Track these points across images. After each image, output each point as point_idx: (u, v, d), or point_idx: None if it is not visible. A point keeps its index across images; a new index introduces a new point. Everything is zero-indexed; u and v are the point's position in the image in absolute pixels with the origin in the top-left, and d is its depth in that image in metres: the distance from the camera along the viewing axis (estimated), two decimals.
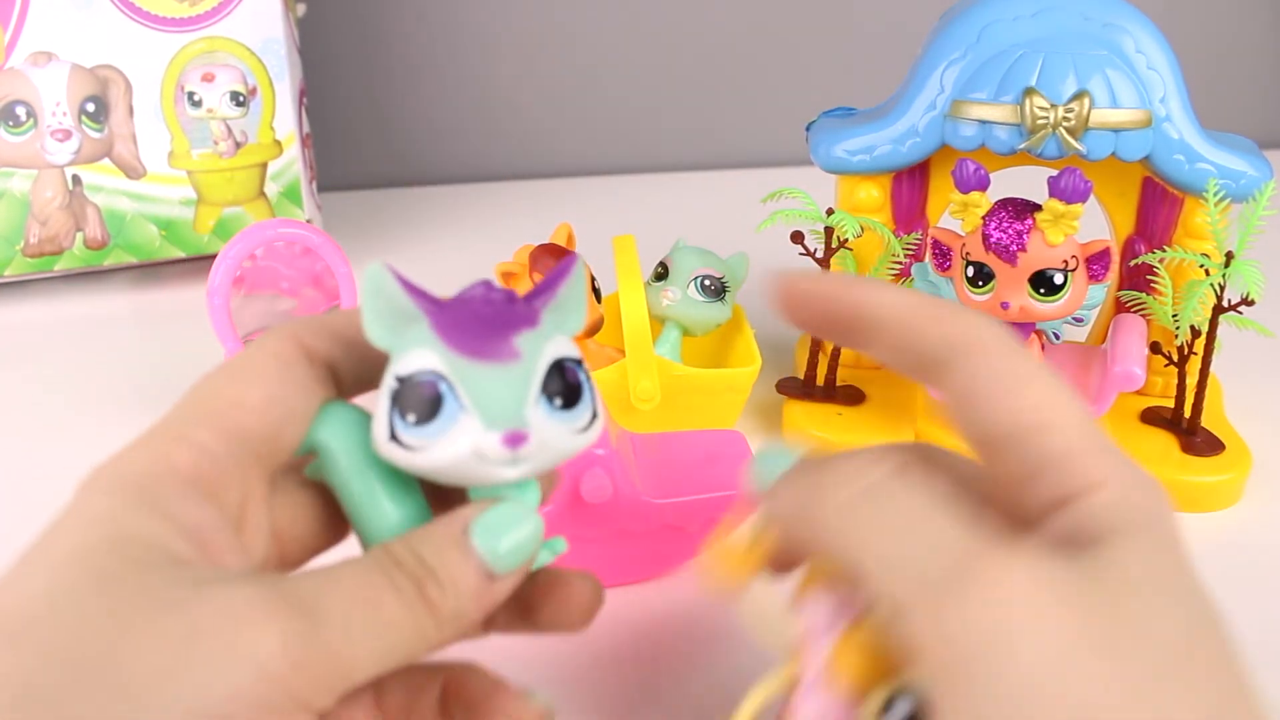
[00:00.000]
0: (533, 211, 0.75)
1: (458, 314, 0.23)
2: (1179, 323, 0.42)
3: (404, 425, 0.23)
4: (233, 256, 0.44)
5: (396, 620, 0.22)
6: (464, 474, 0.23)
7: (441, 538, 0.23)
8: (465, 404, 0.22)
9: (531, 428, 0.23)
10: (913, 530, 0.21)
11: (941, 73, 0.42)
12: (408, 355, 0.23)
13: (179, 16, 0.59)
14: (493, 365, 0.22)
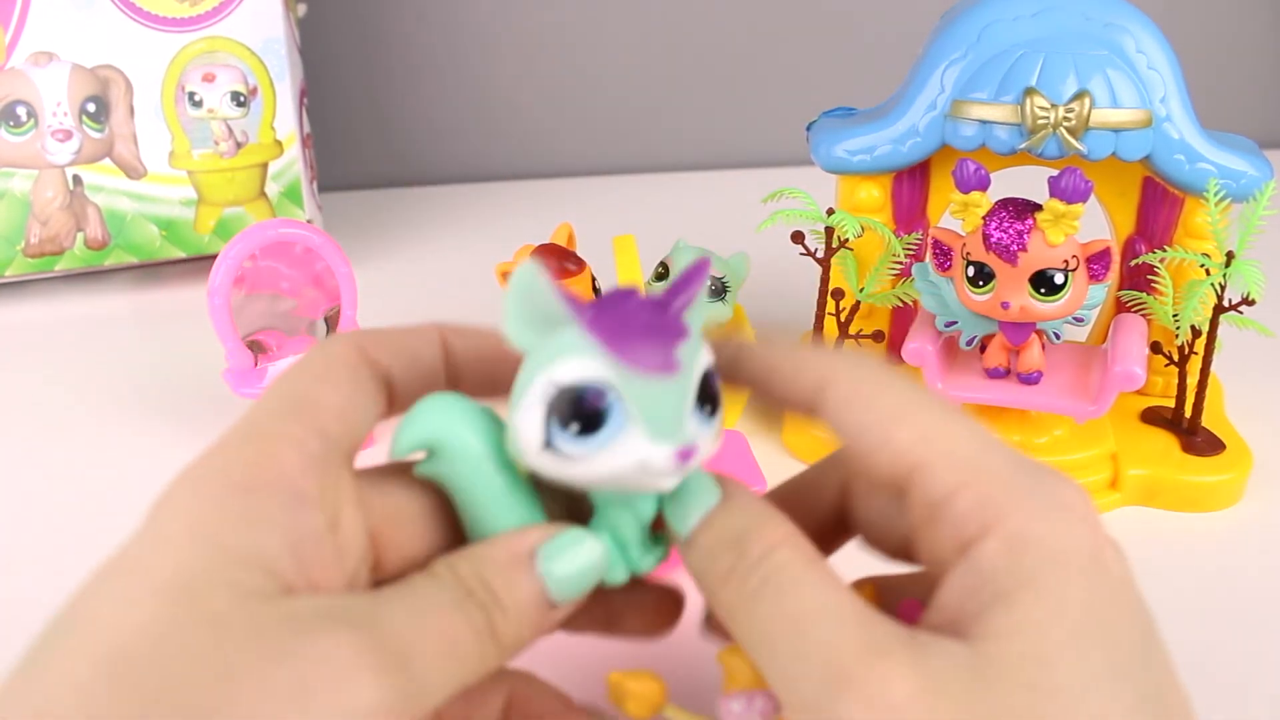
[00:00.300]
0: (533, 211, 0.75)
1: (617, 322, 0.22)
2: (1179, 322, 0.42)
3: (563, 434, 0.22)
4: (233, 256, 0.44)
5: (470, 654, 0.22)
6: (624, 484, 0.23)
7: (508, 562, 0.23)
8: (634, 416, 0.22)
9: (696, 440, 0.23)
10: (804, 634, 0.21)
11: (942, 73, 0.42)
12: (570, 361, 0.22)
13: (180, 16, 0.59)
14: (659, 378, 0.22)
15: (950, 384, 0.42)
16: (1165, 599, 0.37)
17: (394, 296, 0.61)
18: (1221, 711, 0.33)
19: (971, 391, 0.42)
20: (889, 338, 0.48)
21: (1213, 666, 0.35)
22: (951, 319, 0.42)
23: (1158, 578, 0.38)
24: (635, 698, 0.25)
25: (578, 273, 0.45)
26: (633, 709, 0.25)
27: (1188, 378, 0.43)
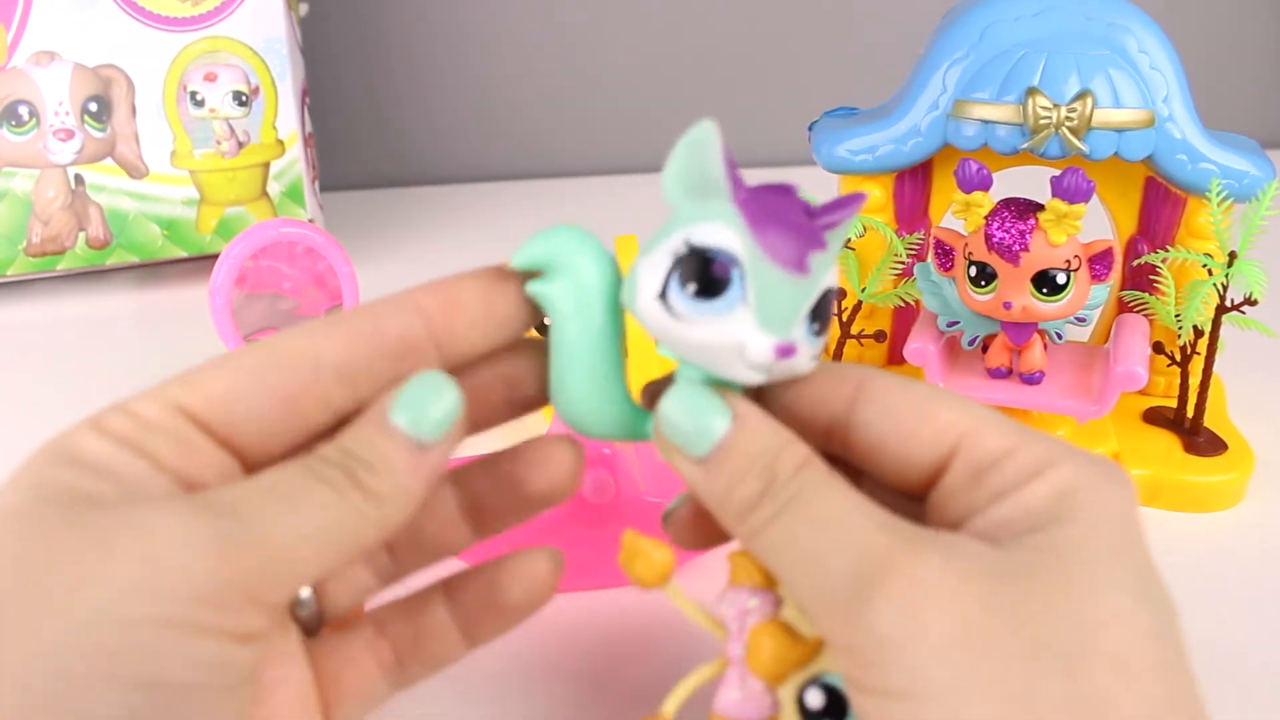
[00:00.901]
0: (534, 211, 0.75)
1: (768, 210, 0.23)
2: (1182, 323, 0.42)
3: (679, 291, 0.22)
4: (235, 256, 0.44)
5: (328, 506, 0.22)
6: (713, 360, 0.23)
7: (362, 426, 0.23)
8: (750, 299, 0.22)
9: (800, 343, 0.23)
10: (829, 536, 0.22)
11: (944, 72, 0.42)
12: (710, 225, 0.22)
13: (181, 16, 0.59)
14: (787, 273, 0.22)
15: (952, 384, 0.42)
16: None
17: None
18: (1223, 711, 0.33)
19: (973, 391, 0.41)
20: (891, 338, 0.48)
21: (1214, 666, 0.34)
22: (953, 319, 0.42)
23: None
24: (646, 561, 0.25)
25: None
26: (640, 571, 0.25)
27: (1190, 378, 0.43)
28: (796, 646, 0.24)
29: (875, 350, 0.49)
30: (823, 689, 0.24)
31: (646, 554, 0.25)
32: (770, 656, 0.24)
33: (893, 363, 0.49)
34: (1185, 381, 0.43)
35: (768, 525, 0.23)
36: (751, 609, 0.25)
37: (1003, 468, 0.23)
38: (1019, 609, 0.20)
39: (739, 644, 0.25)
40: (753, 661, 0.25)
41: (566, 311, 0.24)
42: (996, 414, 0.24)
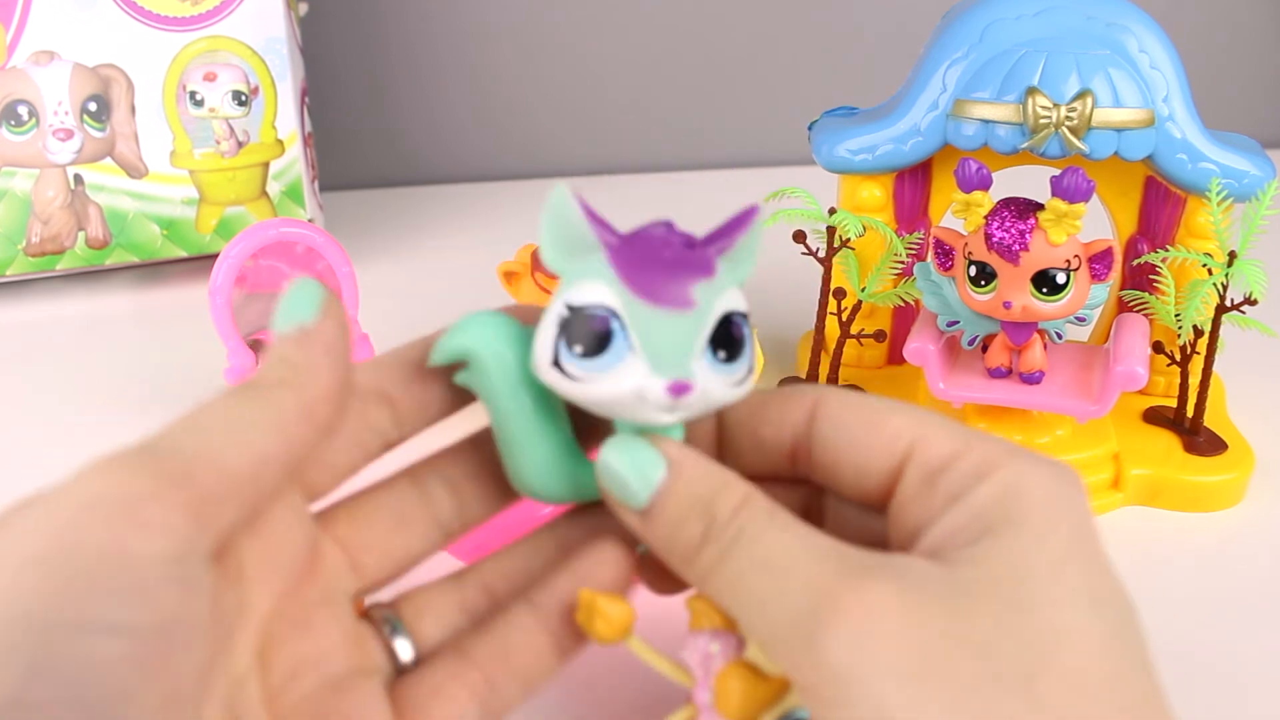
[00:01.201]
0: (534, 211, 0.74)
1: (638, 253, 0.23)
2: (1182, 322, 0.42)
3: (569, 354, 0.23)
4: (235, 256, 0.44)
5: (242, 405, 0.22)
6: (621, 411, 0.23)
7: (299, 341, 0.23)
8: (635, 346, 0.23)
9: (695, 378, 0.23)
10: (773, 575, 0.22)
11: (944, 72, 0.42)
12: (582, 285, 0.23)
13: (181, 15, 0.59)
14: (668, 312, 0.23)
15: (952, 384, 0.42)
16: (1167, 598, 0.37)
17: (394, 296, 0.61)
18: (1223, 710, 0.33)
19: (973, 391, 0.41)
20: (891, 337, 0.48)
21: (1214, 666, 0.34)
22: (953, 318, 0.42)
23: (1159, 577, 0.38)
24: (604, 618, 0.25)
25: None
26: (600, 629, 0.25)
27: (1190, 378, 0.43)
28: (763, 686, 0.24)
29: (875, 350, 0.49)
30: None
31: (604, 611, 0.25)
32: (739, 699, 0.24)
33: (892, 362, 0.49)
34: (1185, 381, 0.43)
35: (714, 568, 0.23)
36: (715, 653, 0.25)
37: (952, 470, 0.23)
38: (973, 632, 0.20)
39: (706, 690, 0.25)
40: (722, 705, 0.24)
41: (495, 393, 0.25)
42: (945, 419, 0.24)
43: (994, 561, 0.21)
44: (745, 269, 0.25)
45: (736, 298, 0.24)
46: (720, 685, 0.24)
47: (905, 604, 0.20)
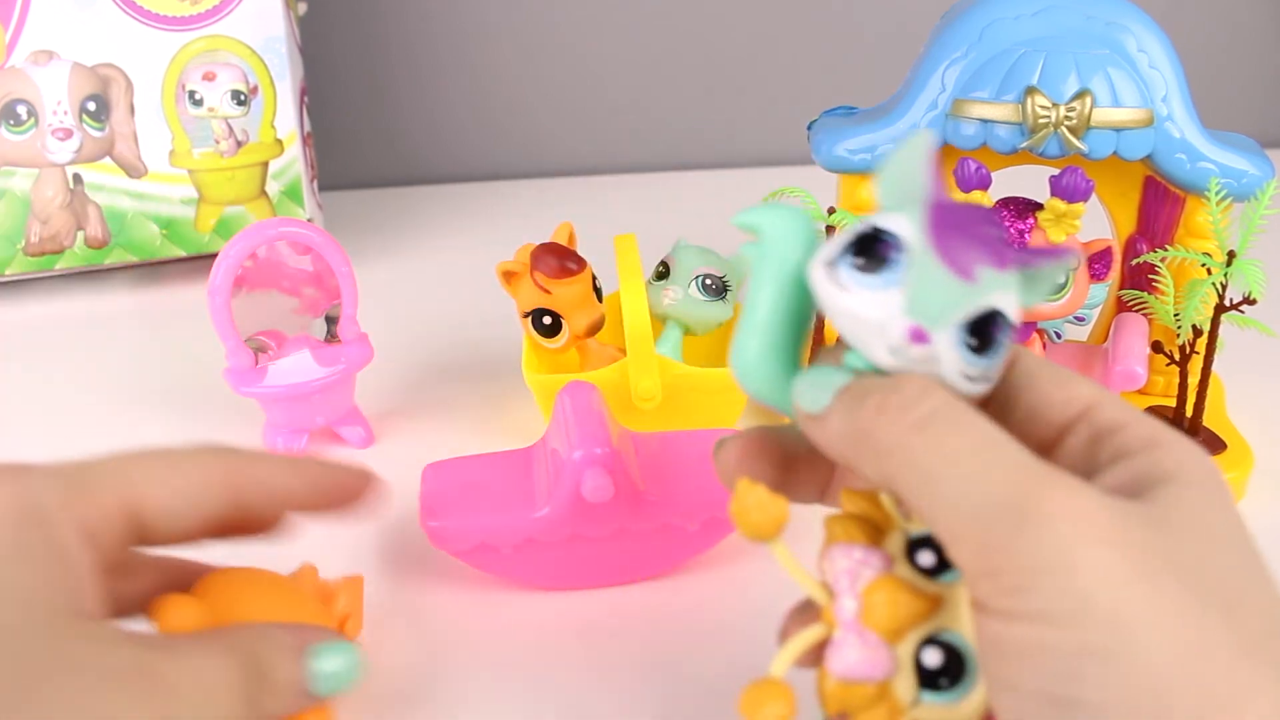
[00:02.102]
0: (533, 211, 0.75)
1: (955, 216, 0.24)
2: (1181, 322, 0.42)
3: (846, 261, 0.24)
4: (234, 255, 0.44)
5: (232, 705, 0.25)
6: (858, 334, 0.24)
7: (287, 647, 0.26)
8: (904, 283, 0.23)
9: (936, 343, 0.23)
10: (979, 456, 0.22)
11: (943, 72, 0.42)
12: (892, 216, 0.24)
13: (180, 15, 0.59)
14: (948, 273, 0.23)
15: None
16: None
17: (394, 296, 0.61)
18: None
19: None
20: None
21: None
22: None
23: None
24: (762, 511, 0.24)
25: (578, 272, 0.45)
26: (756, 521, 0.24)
27: (1189, 377, 0.43)
28: (916, 600, 0.24)
29: None
30: (941, 647, 0.24)
31: (763, 504, 0.24)
32: (889, 611, 0.24)
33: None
34: (1184, 381, 0.43)
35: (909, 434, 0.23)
36: (863, 566, 0.25)
37: (1122, 434, 0.24)
38: (1177, 554, 0.21)
39: (852, 600, 0.24)
40: (869, 617, 0.24)
41: (763, 273, 0.25)
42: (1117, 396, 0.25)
43: (1180, 507, 0.22)
44: (1034, 296, 0.25)
45: (1011, 305, 0.24)
46: (870, 596, 0.24)
47: (1110, 513, 0.21)
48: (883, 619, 0.24)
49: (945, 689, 0.24)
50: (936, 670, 0.24)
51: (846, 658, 0.24)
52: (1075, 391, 0.25)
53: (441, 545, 0.36)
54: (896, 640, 0.24)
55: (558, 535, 0.36)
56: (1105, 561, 0.21)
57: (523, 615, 0.37)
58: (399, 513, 0.42)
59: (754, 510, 0.24)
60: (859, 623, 0.24)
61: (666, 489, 0.37)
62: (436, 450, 0.40)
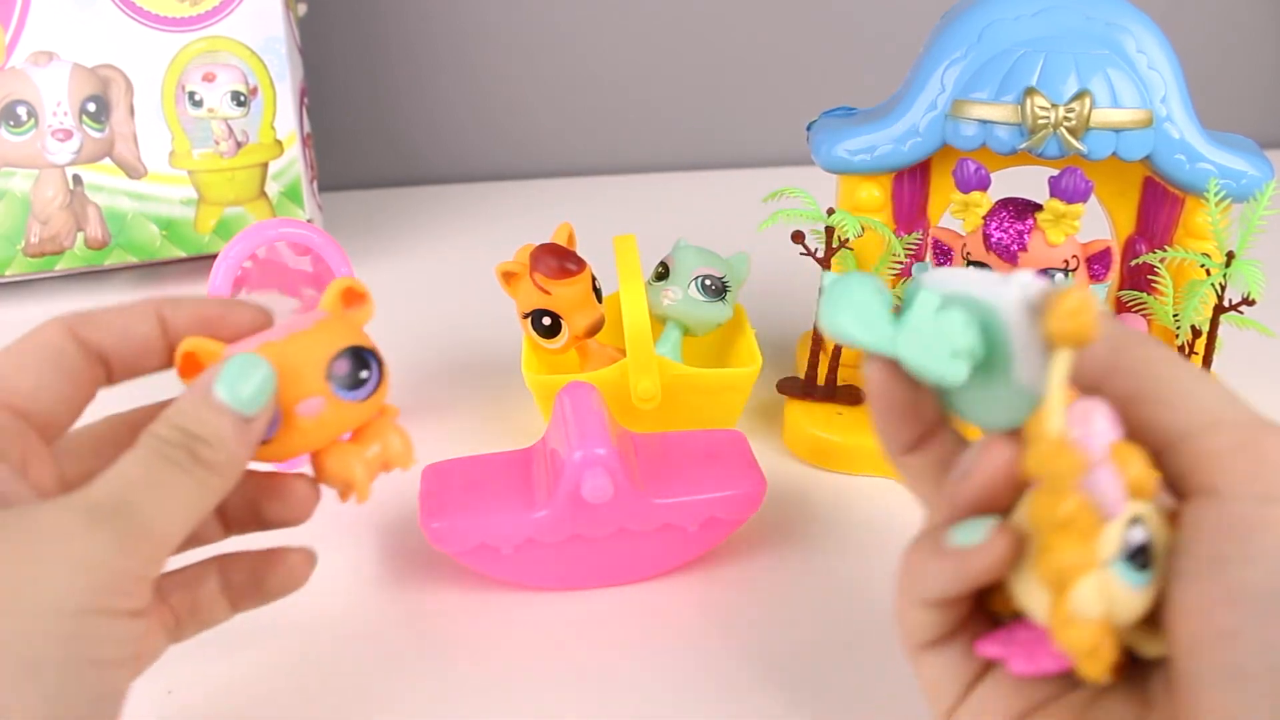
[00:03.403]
0: (533, 211, 0.76)
1: None
2: (1180, 322, 0.42)
3: None
4: (233, 256, 0.44)
5: (183, 486, 0.26)
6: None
7: (192, 403, 0.27)
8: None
9: None
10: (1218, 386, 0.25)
11: (942, 72, 0.42)
12: None
13: (180, 16, 0.59)
14: None
15: None
16: None
17: (394, 296, 0.61)
18: None
19: None
20: None
21: None
22: None
23: None
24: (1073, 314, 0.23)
25: (578, 272, 0.45)
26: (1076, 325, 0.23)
27: None
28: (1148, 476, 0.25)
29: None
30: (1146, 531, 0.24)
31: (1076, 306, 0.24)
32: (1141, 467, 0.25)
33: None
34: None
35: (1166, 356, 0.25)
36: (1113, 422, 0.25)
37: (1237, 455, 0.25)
38: None
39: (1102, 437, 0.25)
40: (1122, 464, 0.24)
41: None
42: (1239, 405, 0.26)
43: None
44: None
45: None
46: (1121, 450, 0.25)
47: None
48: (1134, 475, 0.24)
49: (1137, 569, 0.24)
50: (1137, 549, 0.24)
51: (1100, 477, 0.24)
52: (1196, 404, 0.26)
53: (441, 546, 0.36)
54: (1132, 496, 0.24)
55: (557, 536, 0.36)
56: None
57: (523, 615, 0.37)
58: (399, 514, 0.42)
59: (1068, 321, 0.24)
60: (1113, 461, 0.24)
61: (666, 490, 0.37)
62: (436, 451, 0.40)
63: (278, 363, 0.28)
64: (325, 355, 0.29)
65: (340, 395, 0.29)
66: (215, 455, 0.26)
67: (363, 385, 0.30)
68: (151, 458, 0.26)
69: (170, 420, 0.27)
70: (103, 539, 0.24)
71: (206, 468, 0.26)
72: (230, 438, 0.27)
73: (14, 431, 0.27)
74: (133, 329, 0.29)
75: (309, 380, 0.29)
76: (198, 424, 0.27)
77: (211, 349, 0.29)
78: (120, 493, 0.25)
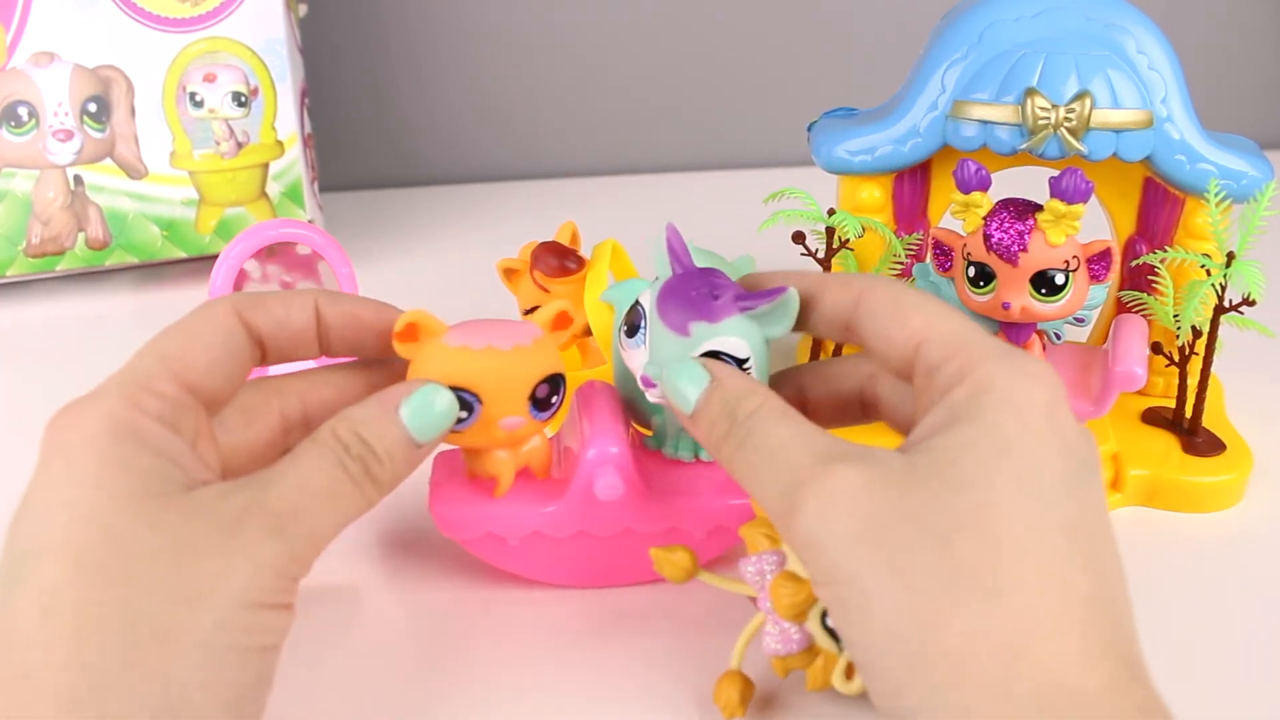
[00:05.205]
0: (534, 212, 0.76)
1: (676, 286, 0.32)
2: (1180, 323, 0.42)
3: (622, 329, 0.34)
4: (234, 257, 0.44)
5: (351, 496, 0.28)
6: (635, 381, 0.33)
7: (376, 417, 0.29)
8: (645, 344, 0.33)
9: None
10: (771, 461, 0.27)
11: (943, 73, 0.42)
12: (647, 291, 0.33)
13: (181, 17, 0.59)
14: (668, 331, 0.32)
15: None
16: (1166, 599, 0.37)
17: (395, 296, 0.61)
18: (1222, 710, 0.33)
19: None
20: None
21: (1213, 666, 0.35)
22: None
23: (1158, 578, 0.38)
24: (671, 565, 0.32)
25: (577, 271, 0.45)
26: (670, 573, 0.33)
27: (1188, 378, 0.43)
28: (804, 587, 0.30)
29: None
30: None
31: (669, 560, 0.33)
32: (788, 600, 0.30)
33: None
34: (1184, 382, 0.43)
35: (733, 456, 0.28)
36: (767, 569, 0.31)
37: (941, 373, 0.27)
38: (908, 503, 0.25)
39: (766, 598, 0.31)
40: (778, 607, 0.30)
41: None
42: (958, 317, 0.28)
43: (943, 448, 0.26)
44: (778, 328, 0.32)
45: (734, 344, 0.31)
46: (773, 591, 0.30)
47: (863, 484, 0.25)
48: (786, 606, 0.30)
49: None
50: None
51: (768, 643, 0.31)
52: (911, 327, 0.28)
53: (449, 532, 0.37)
54: (803, 618, 0.30)
55: (565, 531, 0.36)
56: (843, 529, 0.25)
57: (526, 613, 0.37)
58: (402, 513, 0.42)
59: (666, 567, 0.33)
60: (774, 612, 0.31)
61: (674, 494, 0.37)
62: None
63: (497, 372, 0.32)
64: (535, 378, 0.33)
65: (534, 415, 0.33)
66: (383, 473, 0.29)
67: (550, 408, 0.34)
68: (332, 466, 0.28)
69: (353, 425, 0.29)
70: (280, 548, 0.26)
71: (373, 482, 0.28)
72: (401, 460, 0.29)
73: (188, 407, 0.28)
74: (292, 316, 0.31)
75: (518, 399, 0.33)
76: (377, 438, 0.29)
77: (435, 326, 0.32)
78: (300, 502, 0.27)
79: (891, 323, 0.29)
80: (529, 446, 0.35)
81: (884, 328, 0.29)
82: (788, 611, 0.30)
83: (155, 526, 0.25)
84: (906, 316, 0.28)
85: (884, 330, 0.29)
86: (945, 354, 0.27)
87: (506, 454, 0.35)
